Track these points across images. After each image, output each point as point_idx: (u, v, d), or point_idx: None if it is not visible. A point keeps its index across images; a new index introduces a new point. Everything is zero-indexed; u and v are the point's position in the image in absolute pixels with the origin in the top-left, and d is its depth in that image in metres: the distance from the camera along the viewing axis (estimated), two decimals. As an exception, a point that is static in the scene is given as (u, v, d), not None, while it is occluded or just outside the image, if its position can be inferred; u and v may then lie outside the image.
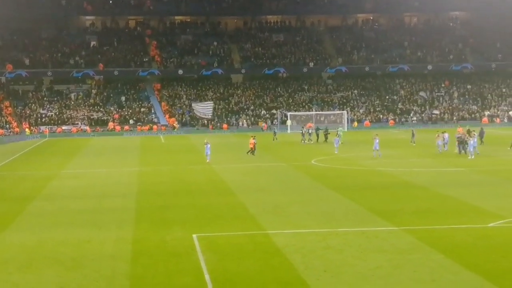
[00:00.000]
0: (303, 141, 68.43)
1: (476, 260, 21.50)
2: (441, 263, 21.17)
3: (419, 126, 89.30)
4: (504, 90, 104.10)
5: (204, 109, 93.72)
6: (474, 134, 53.03)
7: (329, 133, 68.91)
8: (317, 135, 69.79)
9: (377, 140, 52.38)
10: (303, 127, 73.93)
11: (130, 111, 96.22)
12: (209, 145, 51.59)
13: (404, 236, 24.97)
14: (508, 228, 26.26)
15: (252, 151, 55.47)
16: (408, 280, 19.50)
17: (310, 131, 70.83)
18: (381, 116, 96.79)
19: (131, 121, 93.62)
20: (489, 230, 26.04)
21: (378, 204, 31.89)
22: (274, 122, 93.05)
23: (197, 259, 22.12)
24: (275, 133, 75.11)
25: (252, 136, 58.45)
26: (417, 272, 20.25)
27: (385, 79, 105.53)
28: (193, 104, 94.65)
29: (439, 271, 20.34)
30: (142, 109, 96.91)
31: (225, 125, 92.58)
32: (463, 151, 52.62)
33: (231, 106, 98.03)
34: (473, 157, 50.05)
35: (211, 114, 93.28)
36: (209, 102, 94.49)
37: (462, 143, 53.04)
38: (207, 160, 50.86)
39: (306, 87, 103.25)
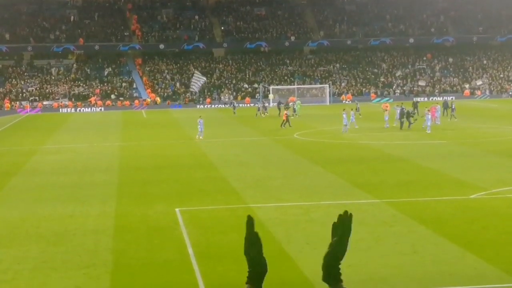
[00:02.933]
0: (257, 115, 69.56)
1: (457, 231, 21.70)
2: (422, 235, 21.36)
3: (401, 99, 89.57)
4: (485, 62, 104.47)
5: (198, 80, 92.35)
6: (427, 111, 52.62)
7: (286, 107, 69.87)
8: (279, 109, 70.21)
9: (353, 113, 53.75)
10: (258, 101, 75.91)
11: (111, 86, 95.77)
12: (202, 121, 49.57)
13: (386, 208, 25.15)
14: (489, 200, 26.50)
15: (285, 122, 55.49)
16: (390, 252, 19.66)
17: (266, 105, 72.70)
18: (363, 89, 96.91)
19: (112, 96, 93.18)
20: (470, 201, 26.27)
21: (360, 177, 32.03)
22: (231, 97, 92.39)
23: (180, 233, 22.18)
24: (234, 107, 75.45)
25: (285, 108, 58.66)
26: (398, 244, 20.43)
27: (367, 53, 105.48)
28: (195, 72, 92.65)
29: (420, 242, 20.52)
30: (124, 84, 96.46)
31: (208, 99, 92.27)
32: (411, 123, 52.52)
33: (213, 80, 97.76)
34: (430, 131, 49.63)
35: (198, 89, 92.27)
36: (203, 77, 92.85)
37: (407, 115, 52.81)
38: (200, 137, 48.81)
39: (288, 61, 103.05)
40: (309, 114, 68.24)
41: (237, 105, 79.74)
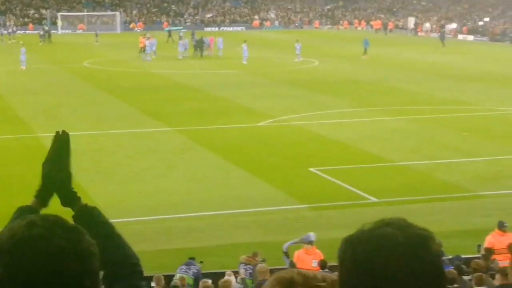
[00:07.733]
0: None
1: (245, 157, 22.42)
2: (212, 161, 21.87)
3: (193, 28, 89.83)
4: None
5: None
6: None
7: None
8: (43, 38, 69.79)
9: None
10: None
11: None
12: (24, 49, 46.35)
13: (177, 136, 25.42)
14: (275, 127, 27.51)
15: (142, 49, 53.44)
16: (181, 178, 19.99)
17: (10, 31, 73.08)
18: (155, 18, 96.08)
19: None
20: (258, 129, 27.15)
21: (151, 105, 32.02)
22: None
23: (-38, 164, 21.20)
24: (9, 33, 72.43)
25: (142, 35, 56.17)
26: (189, 171, 20.80)
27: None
28: None
29: (210, 168, 21.01)
30: None
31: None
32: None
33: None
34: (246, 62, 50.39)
35: None
36: None
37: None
38: (22, 67, 45.68)
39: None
40: (100, 42, 66.67)
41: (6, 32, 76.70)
